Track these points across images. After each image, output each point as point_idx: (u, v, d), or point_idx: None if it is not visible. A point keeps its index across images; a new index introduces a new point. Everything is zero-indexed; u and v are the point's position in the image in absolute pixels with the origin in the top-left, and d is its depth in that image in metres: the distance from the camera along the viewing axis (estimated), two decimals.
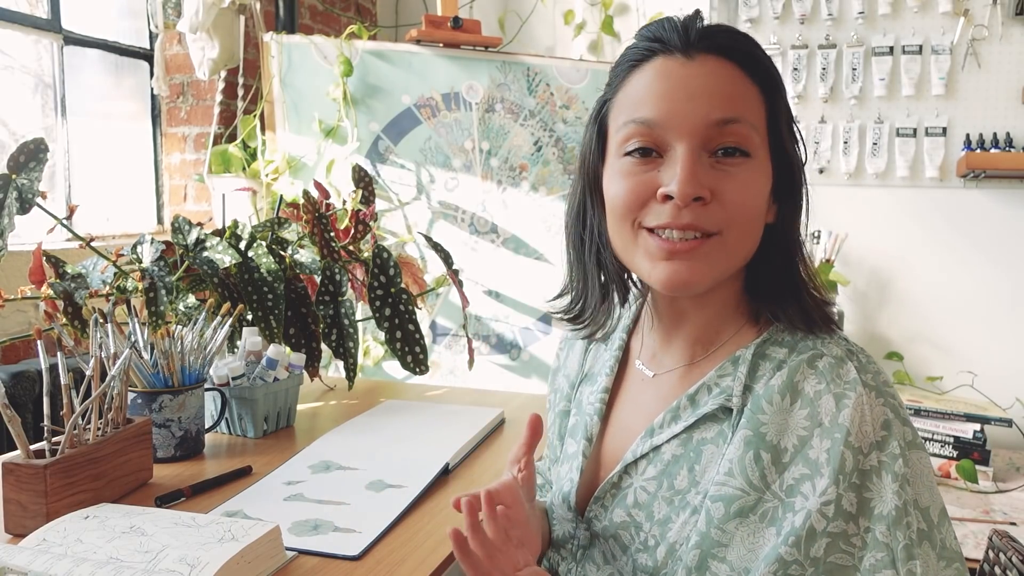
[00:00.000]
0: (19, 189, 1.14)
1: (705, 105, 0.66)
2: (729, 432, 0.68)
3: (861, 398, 0.63)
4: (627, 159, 0.69)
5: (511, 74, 2.36)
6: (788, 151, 0.71)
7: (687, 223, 0.66)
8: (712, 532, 0.65)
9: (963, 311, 2.49)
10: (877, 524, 0.60)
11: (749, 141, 0.67)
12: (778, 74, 0.71)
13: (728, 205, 0.66)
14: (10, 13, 1.95)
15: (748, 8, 2.58)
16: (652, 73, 0.69)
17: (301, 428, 1.23)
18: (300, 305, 1.35)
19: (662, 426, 0.72)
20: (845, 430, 0.62)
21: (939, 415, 2.24)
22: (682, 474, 0.70)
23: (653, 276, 0.69)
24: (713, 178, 0.66)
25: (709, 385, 0.71)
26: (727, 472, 0.65)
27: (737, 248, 0.68)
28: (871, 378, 0.65)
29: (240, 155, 2.35)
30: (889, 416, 0.63)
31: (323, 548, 0.80)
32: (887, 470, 0.61)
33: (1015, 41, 2.39)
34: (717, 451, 0.68)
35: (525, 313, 2.34)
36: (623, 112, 0.70)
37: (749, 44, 0.70)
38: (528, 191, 2.36)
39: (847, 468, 0.61)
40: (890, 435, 0.62)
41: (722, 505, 0.65)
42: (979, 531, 1.85)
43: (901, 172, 2.49)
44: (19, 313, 1.78)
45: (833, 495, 0.61)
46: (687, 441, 0.70)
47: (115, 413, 0.91)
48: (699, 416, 0.70)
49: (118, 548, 0.72)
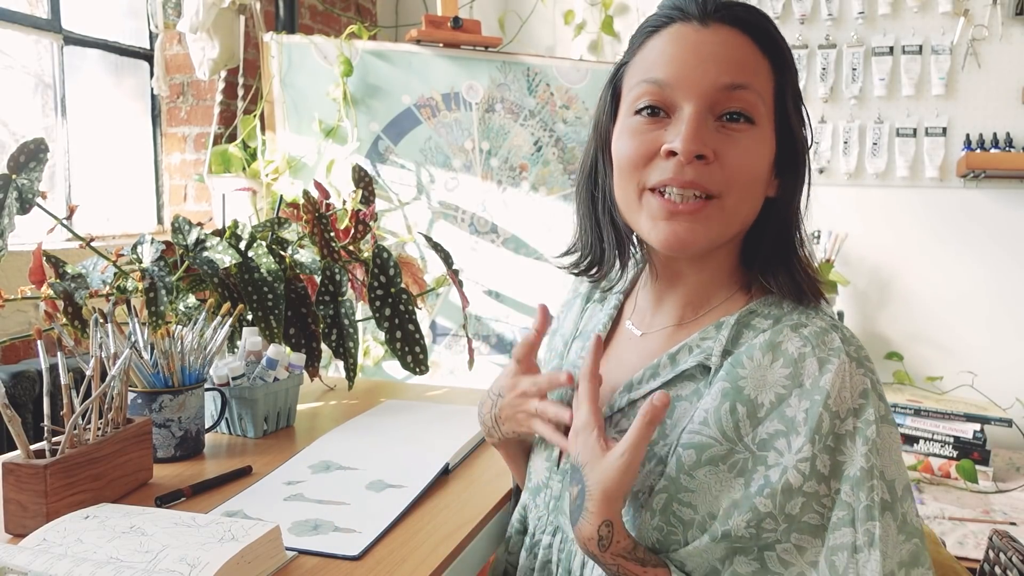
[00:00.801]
0: (19, 189, 1.14)
1: (715, 69, 0.68)
2: (704, 391, 0.70)
3: (844, 365, 0.65)
4: (636, 118, 0.72)
5: (511, 74, 2.36)
6: (793, 128, 0.73)
7: (689, 180, 0.68)
8: (681, 478, 0.67)
9: (963, 311, 2.49)
10: (844, 484, 0.63)
11: (755, 109, 0.69)
12: (790, 53, 0.73)
13: (729, 167, 0.68)
14: (10, 13, 1.95)
15: None
16: (668, 37, 0.71)
17: (301, 428, 1.23)
18: (300, 305, 1.35)
19: (641, 382, 0.75)
20: (825, 392, 0.64)
21: (939, 415, 2.24)
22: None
23: (653, 235, 0.71)
24: (717, 140, 0.68)
25: (691, 346, 0.73)
26: (702, 421, 0.68)
27: (735, 212, 0.70)
28: (854, 350, 0.67)
29: (240, 155, 2.35)
30: (868, 387, 0.65)
31: (323, 548, 0.80)
32: (860, 435, 0.63)
33: (1015, 41, 2.39)
34: (690, 407, 0.71)
35: (525, 313, 2.34)
36: (637, 73, 0.73)
37: (764, 20, 0.72)
38: (528, 191, 2.36)
39: (823, 429, 0.63)
40: (867, 403, 0.64)
41: (694, 452, 0.67)
42: (979, 531, 1.85)
43: (901, 172, 2.49)
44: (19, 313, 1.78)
45: (808, 453, 0.63)
46: None
47: (115, 413, 0.91)
48: (677, 373, 0.73)
49: (118, 548, 0.72)
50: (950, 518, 1.93)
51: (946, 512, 1.96)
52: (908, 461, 2.23)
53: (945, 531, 1.86)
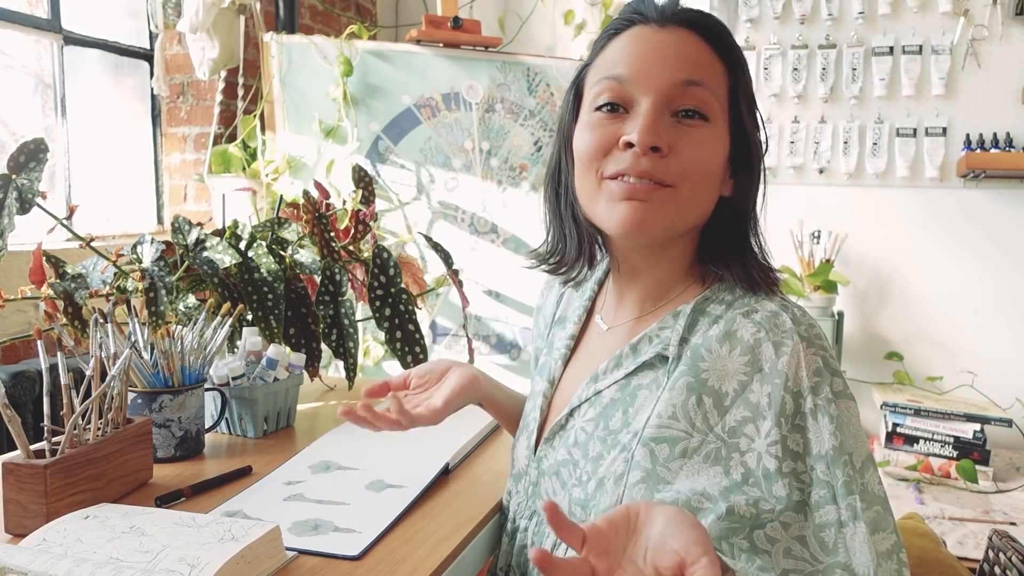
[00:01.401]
0: (19, 189, 1.14)
1: (672, 66, 0.72)
2: (664, 379, 0.73)
3: (798, 346, 0.67)
4: (596, 113, 0.75)
5: (511, 74, 2.36)
6: (747, 129, 0.76)
7: (643, 170, 0.71)
8: (658, 469, 0.69)
9: (963, 311, 2.49)
10: (818, 463, 0.65)
11: (709, 106, 0.72)
12: (743, 58, 0.77)
13: (683, 160, 0.71)
14: (10, 13, 1.95)
15: (748, 8, 2.58)
16: (628, 38, 0.76)
17: (301, 428, 1.23)
18: (300, 305, 1.35)
19: (605, 372, 0.79)
20: (784, 375, 0.67)
21: (939, 415, 2.24)
22: (617, 416, 0.75)
23: (612, 218, 0.73)
24: (672, 134, 0.72)
25: (650, 336, 0.77)
26: (671, 416, 0.70)
27: (689, 203, 0.73)
28: (804, 330, 0.69)
29: (240, 155, 2.35)
30: (820, 365, 0.67)
31: (323, 548, 0.80)
32: (823, 412, 0.66)
33: (1015, 41, 2.39)
34: (650, 396, 0.73)
35: (525, 313, 2.34)
36: (598, 72, 0.77)
37: (719, 25, 0.76)
38: (528, 191, 2.36)
39: (787, 411, 0.66)
40: (822, 381, 0.67)
41: (667, 446, 0.69)
42: (979, 531, 1.85)
43: (901, 172, 2.49)
44: (19, 313, 1.78)
45: (777, 436, 0.66)
46: (625, 386, 0.76)
47: (115, 413, 0.91)
48: (638, 364, 0.76)
49: (118, 548, 0.72)
50: (950, 518, 1.93)
51: (946, 512, 1.96)
52: (908, 461, 2.23)
53: (945, 531, 1.86)
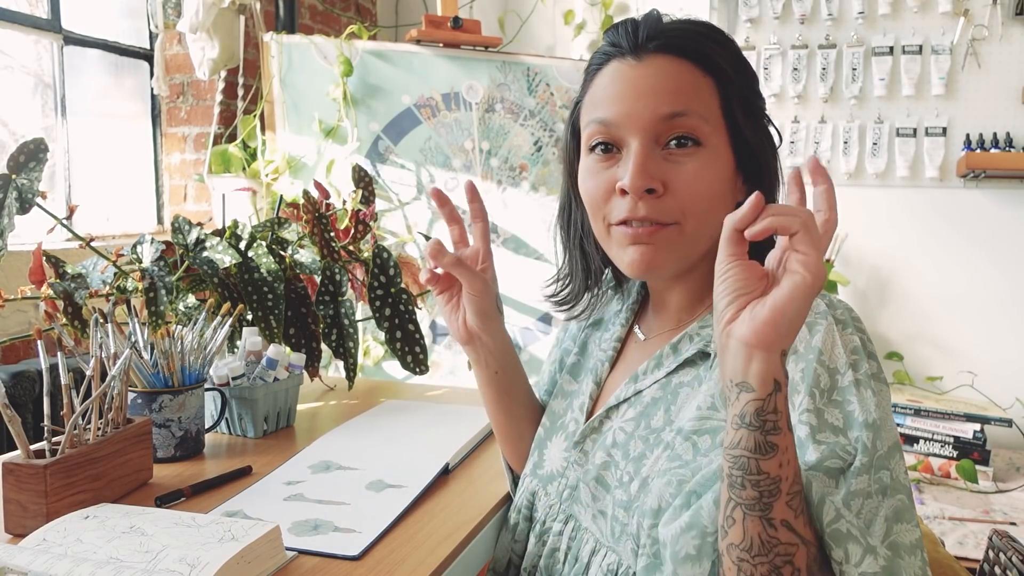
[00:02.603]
0: (19, 189, 1.14)
1: (653, 102, 0.71)
2: (704, 375, 0.72)
3: (832, 327, 0.66)
4: (592, 155, 0.76)
5: (511, 74, 2.36)
6: (748, 138, 0.74)
7: (643, 215, 0.71)
8: (699, 460, 0.68)
9: (963, 311, 2.49)
10: (864, 431, 0.62)
11: (699, 130, 0.71)
12: (733, 63, 0.75)
13: (681, 195, 0.71)
14: (10, 13, 1.95)
15: (748, 8, 2.58)
16: (608, 76, 0.75)
17: (301, 428, 1.23)
18: (300, 305, 1.35)
19: (646, 373, 0.78)
20: (818, 350, 0.65)
21: (939, 415, 2.24)
22: (659, 414, 0.74)
23: (623, 262, 0.75)
24: (665, 169, 0.71)
25: (691, 335, 0.76)
26: (710, 407, 0.69)
27: (697, 235, 0.73)
28: (840, 313, 0.68)
29: (240, 155, 2.35)
30: (858, 344, 0.67)
31: (323, 548, 0.80)
32: (865, 386, 0.64)
33: (1015, 41, 2.39)
34: (692, 393, 0.73)
35: (525, 313, 2.34)
36: (587, 112, 0.77)
37: (698, 38, 0.74)
38: (528, 191, 2.36)
39: (821, 384, 0.64)
40: (861, 359, 0.66)
41: (709, 437, 0.69)
42: (979, 531, 1.85)
43: (901, 172, 2.49)
44: (19, 313, 1.78)
45: (811, 406, 0.64)
46: (666, 384, 0.76)
47: (115, 413, 0.91)
48: (680, 361, 0.75)
49: (118, 548, 0.72)
50: (950, 518, 1.93)
51: (946, 512, 1.96)
52: (908, 461, 2.23)
53: (945, 531, 1.86)
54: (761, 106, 0.77)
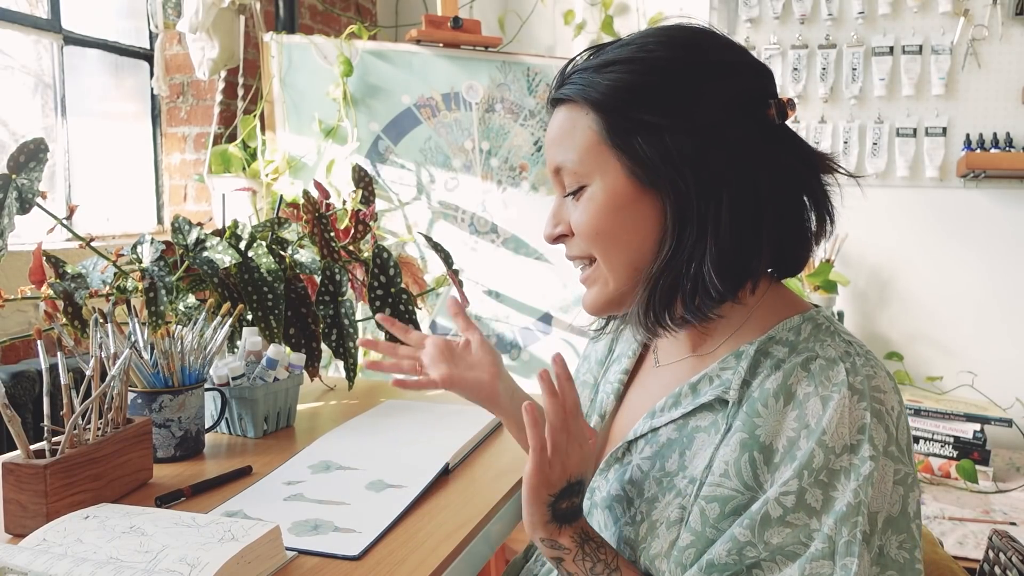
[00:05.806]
0: (19, 189, 1.14)
1: (550, 156, 0.77)
2: (722, 423, 0.71)
3: (844, 400, 0.64)
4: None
5: (511, 74, 2.36)
6: (643, 154, 0.69)
7: (568, 256, 0.79)
8: (707, 531, 0.68)
9: (963, 311, 2.49)
10: (829, 519, 0.63)
11: (576, 177, 0.74)
12: (626, 86, 0.70)
13: (577, 232, 0.75)
14: (10, 13, 1.95)
15: (748, 8, 2.58)
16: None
17: (301, 428, 1.23)
18: (300, 305, 1.35)
19: (663, 410, 0.77)
20: (821, 429, 0.64)
21: (939, 415, 2.24)
22: (673, 457, 0.74)
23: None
24: (569, 213, 0.76)
25: (711, 376, 0.74)
26: (723, 474, 0.68)
27: (611, 265, 0.74)
28: (859, 381, 0.65)
29: (240, 155, 2.35)
30: (867, 421, 0.64)
31: (323, 548, 0.80)
32: (855, 472, 0.63)
33: (1015, 41, 2.39)
34: (708, 440, 0.72)
35: (525, 313, 2.34)
36: None
37: (583, 76, 0.73)
38: (528, 191, 2.36)
39: (814, 464, 0.63)
40: (864, 439, 0.63)
41: (718, 505, 0.68)
42: (979, 531, 1.85)
43: (901, 172, 2.49)
44: (19, 313, 1.78)
45: (794, 487, 0.64)
46: (683, 427, 0.74)
47: (115, 413, 0.91)
48: (697, 404, 0.74)
49: (118, 548, 0.72)
50: (950, 518, 1.93)
51: (946, 512, 1.96)
52: None
53: (945, 531, 1.86)
54: (681, 112, 0.69)
